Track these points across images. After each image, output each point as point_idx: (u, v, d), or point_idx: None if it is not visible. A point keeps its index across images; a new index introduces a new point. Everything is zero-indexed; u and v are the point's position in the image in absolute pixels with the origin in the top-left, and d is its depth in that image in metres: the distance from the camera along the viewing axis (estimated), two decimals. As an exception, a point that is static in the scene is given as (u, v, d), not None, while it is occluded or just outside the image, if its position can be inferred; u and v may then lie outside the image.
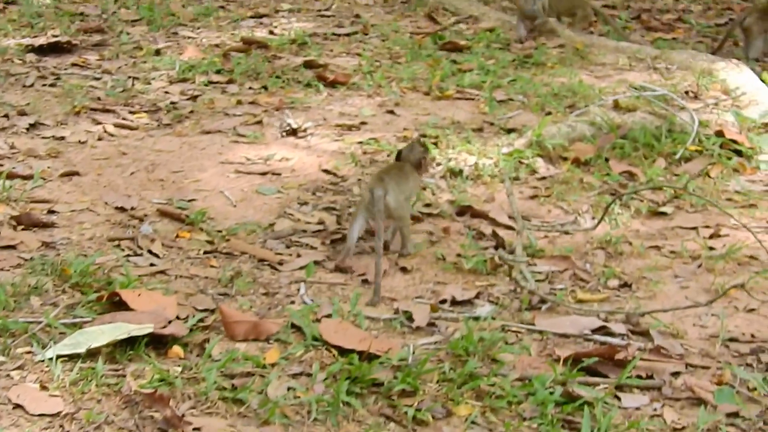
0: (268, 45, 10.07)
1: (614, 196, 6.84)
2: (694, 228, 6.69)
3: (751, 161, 7.75)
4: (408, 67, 9.52)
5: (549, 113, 8.34)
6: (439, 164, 7.34)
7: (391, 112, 8.41)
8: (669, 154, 7.73)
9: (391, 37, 10.64)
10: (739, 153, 7.85)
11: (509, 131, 7.96)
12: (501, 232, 6.38)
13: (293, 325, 5.12)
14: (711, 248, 6.36)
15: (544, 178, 7.35)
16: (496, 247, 6.21)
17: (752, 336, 5.34)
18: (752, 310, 5.61)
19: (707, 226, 6.61)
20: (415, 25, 11.36)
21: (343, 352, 4.90)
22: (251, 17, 11.52)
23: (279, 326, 5.07)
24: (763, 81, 9.17)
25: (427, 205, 6.78)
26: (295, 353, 4.91)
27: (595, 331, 5.29)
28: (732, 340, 5.33)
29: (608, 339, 5.22)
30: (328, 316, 5.23)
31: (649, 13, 13.14)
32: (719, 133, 7.97)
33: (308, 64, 9.50)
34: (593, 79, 9.39)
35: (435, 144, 7.60)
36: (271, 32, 10.77)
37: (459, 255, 6.12)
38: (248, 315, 5.20)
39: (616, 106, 8.49)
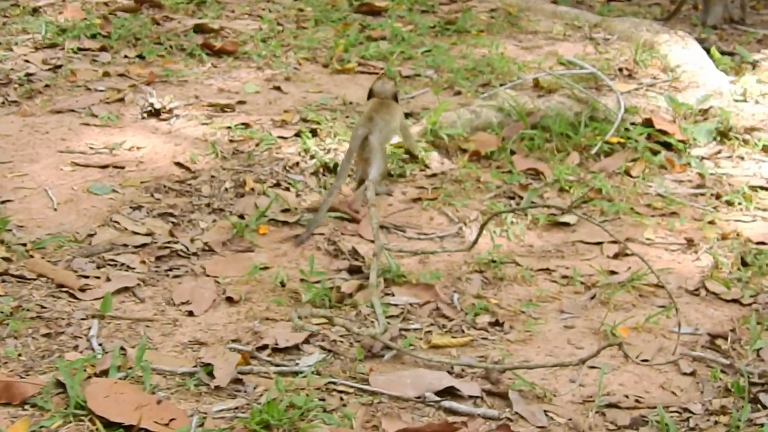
0: (162, 4, 8.87)
1: (510, 208, 5.78)
2: (599, 243, 5.56)
3: (681, 157, 6.65)
4: (313, 33, 8.35)
5: (458, 93, 7.19)
6: (312, 157, 6.21)
7: (278, 88, 7.32)
8: (586, 147, 6.60)
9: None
10: (668, 146, 6.69)
11: (406, 115, 6.82)
12: (366, 249, 5.28)
13: (60, 384, 4.01)
14: (612, 272, 5.26)
15: (434, 175, 6.28)
16: (350, 271, 5.10)
17: (637, 400, 4.27)
18: (645, 360, 4.50)
19: (614, 242, 5.49)
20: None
21: (108, 424, 3.80)
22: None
23: (39, 387, 3.96)
24: (712, 58, 8.02)
25: (285, 210, 5.66)
26: (49, 426, 3.81)
27: (441, 392, 4.18)
28: (611, 405, 4.23)
29: (454, 405, 4.14)
30: (105, 372, 4.12)
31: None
32: (647, 122, 6.89)
33: (199, 28, 8.40)
34: (520, 50, 8.28)
35: (313, 132, 6.46)
36: (173, -12, 9.57)
37: (303, 280, 5.00)
38: (2, 370, 4.10)
39: (537, 85, 7.34)
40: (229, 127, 6.63)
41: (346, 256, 5.37)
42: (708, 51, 8.32)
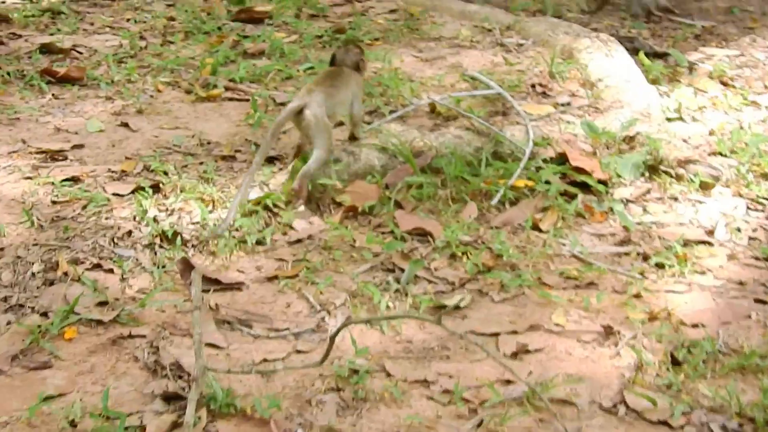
0: (9, 18, 7.56)
1: (366, 318, 4.66)
2: (496, 335, 4.37)
3: (601, 201, 5.46)
4: (180, 50, 7.09)
5: (340, 123, 5.97)
6: (149, 223, 4.98)
7: (126, 125, 6.04)
8: (487, 194, 5.39)
9: (180, 1, 8.16)
10: (587, 187, 5.50)
11: (272, 159, 5.60)
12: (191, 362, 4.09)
13: None
14: (508, 382, 4.07)
15: (299, 241, 5.02)
16: (165, 398, 3.89)
17: None
18: None
19: (514, 332, 4.31)
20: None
21: None
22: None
23: None
24: (643, 66, 6.83)
25: (102, 304, 4.43)
26: None
27: None
28: None
29: None
30: None
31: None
32: (562, 157, 5.65)
33: (46, 49, 7.08)
34: (419, 63, 7.08)
35: (155, 188, 5.24)
36: (26, -3, 8.28)
37: (101, 415, 3.77)
38: None
39: (433, 111, 6.12)
40: (53, 183, 5.34)
41: (166, 372, 4.11)
42: (636, 56, 7.11)
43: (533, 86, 6.71)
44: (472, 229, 5.25)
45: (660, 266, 5.00)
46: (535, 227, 5.32)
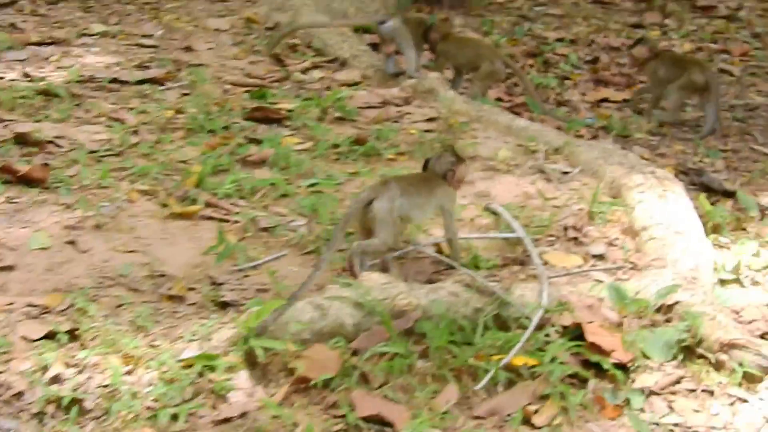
0: (-3, 99, 6.73)
1: None
2: None
3: (617, 392, 4.34)
4: (174, 150, 6.15)
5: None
6: (44, 386, 4.00)
7: (73, 243, 5.08)
8: (476, 372, 4.30)
9: (197, 90, 7.24)
10: (602, 369, 4.40)
11: (224, 305, 4.61)
12: None
13: None
14: None
15: (227, 420, 4.02)
16: None
17: None
18: None
19: None
20: (255, 67, 7.98)
21: None
22: (37, 44, 8.17)
23: None
24: (707, 212, 5.74)
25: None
26: None
27: None
28: None
29: None
30: None
31: (613, 52, 9.66)
32: (575, 331, 4.54)
33: (22, 139, 6.15)
34: None
35: (71, 334, 4.27)
36: (26, 75, 7.40)
37: None
38: None
39: (440, 252, 5.11)
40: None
41: None
42: (705, 188, 6.06)
43: (566, 229, 5.66)
44: (448, 419, 4.17)
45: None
46: (527, 421, 4.21)
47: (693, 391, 4.58)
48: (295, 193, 5.95)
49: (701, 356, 4.71)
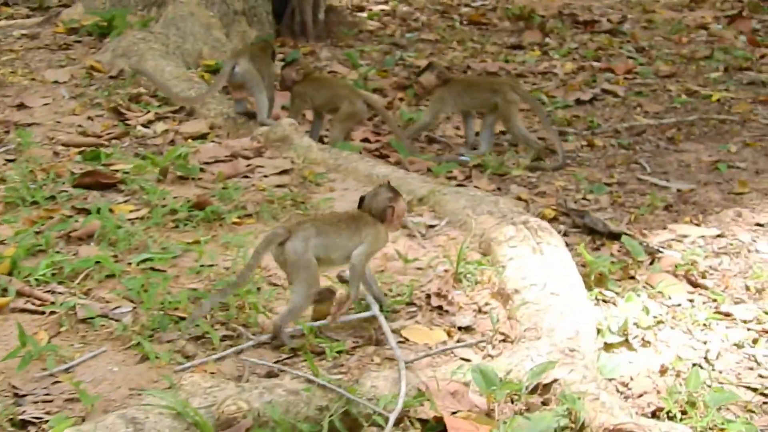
0: None
1: None
2: None
3: None
4: (-10, 229, 5.38)
5: (146, 358, 4.22)
6: None
7: None
8: None
9: (24, 155, 6.47)
10: None
11: (23, 424, 3.88)
12: None
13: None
14: None
15: None
16: None
17: None
18: None
19: None
20: (92, 123, 7.21)
21: None
22: None
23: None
24: (589, 262, 5.11)
25: None
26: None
27: None
28: None
29: None
30: None
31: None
32: (438, 426, 3.86)
33: None
34: None
35: None
36: None
37: None
38: None
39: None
40: None
41: None
42: (589, 231, 5.42)
43: (429, 297, 4.94)
44: None
45: None
46: None
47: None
48: (124, 271, 5.18)
49: (585, 447, 4.00)
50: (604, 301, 5.24)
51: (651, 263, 5.76)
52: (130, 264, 5.35)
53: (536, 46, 10.86)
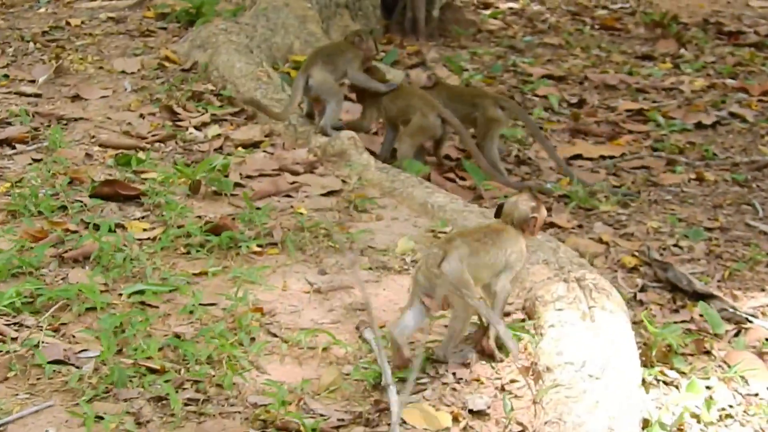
0: None
1: None
2: None
3: None
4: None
5: None
6: None
7: None
8: None
9: (54, 155, 5.82)
10: None
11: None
12: None
13: None
14: None
15: None
16: None
17: None
18: None
19: None
20: (142, 122, 6.54)
21: None
22: None
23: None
24: (652, 334, 4.23)
25: None
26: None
27: None
28: None
29: None
30: None
31: (607, 92, 8.12)
32: None
33: None
34: (306, 298, 4.52)
35: None
36: None
37: None
38: None
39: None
40: None
41: None
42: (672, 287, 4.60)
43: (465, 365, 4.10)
44: None
45: None
46: None
47: None
48: (109, 304, 4.44)
49: None
50: (665, 383, 4.32)
51: (736, 334, 4.80)
52: (121, 295, 4.61)
53: (668, 58, 9.85)
